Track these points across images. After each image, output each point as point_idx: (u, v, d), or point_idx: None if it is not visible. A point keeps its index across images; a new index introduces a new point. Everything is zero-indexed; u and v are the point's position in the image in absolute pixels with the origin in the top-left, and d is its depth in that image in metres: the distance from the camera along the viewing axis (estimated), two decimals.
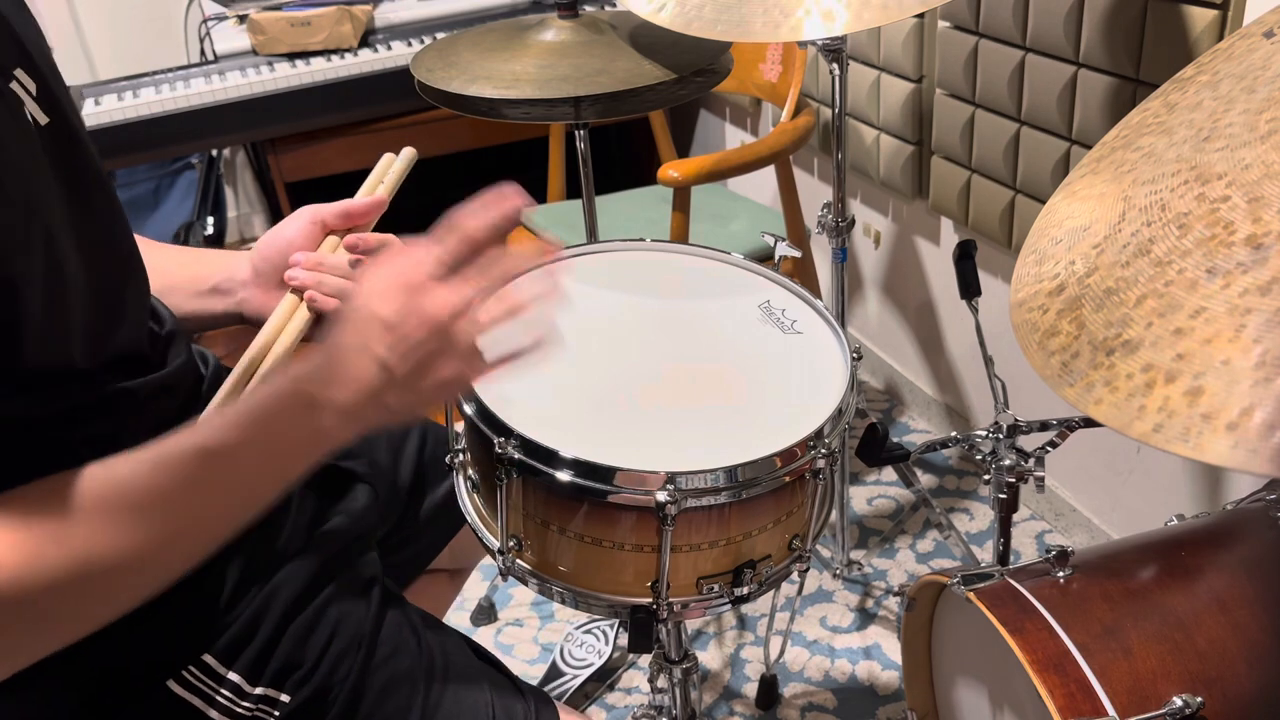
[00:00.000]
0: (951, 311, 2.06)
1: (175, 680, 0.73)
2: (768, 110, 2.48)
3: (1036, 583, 0.92)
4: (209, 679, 0.74)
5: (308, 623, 0.80)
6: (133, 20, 2.80)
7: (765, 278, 1.11)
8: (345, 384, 0.67)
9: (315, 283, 0.88)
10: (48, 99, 0.67)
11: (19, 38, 0.66)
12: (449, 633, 0.92)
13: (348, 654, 0.81)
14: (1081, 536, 1.83)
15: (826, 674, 1.64)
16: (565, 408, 0.93)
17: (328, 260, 0.90)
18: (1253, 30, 0.84)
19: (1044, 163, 1.60)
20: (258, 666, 0.76)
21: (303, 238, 0.92)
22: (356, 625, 0.82)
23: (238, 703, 0.75)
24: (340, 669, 0.80)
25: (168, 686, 0.73)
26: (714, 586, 0.90)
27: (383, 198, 0.96)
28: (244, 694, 0.75)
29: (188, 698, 0.74)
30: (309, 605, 0.80)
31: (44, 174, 0.64)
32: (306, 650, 0.79)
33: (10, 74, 0.64)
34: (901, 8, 1.09)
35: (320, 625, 0.80)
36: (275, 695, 0.76)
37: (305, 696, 0.77)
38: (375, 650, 0.83)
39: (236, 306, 0.93)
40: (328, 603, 0.82)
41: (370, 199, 0.95)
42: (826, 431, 0.89)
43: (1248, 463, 0.58)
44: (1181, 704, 0.79)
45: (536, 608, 1.81)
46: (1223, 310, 0.63)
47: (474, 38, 1.48)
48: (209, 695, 0.74)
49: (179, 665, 0.73)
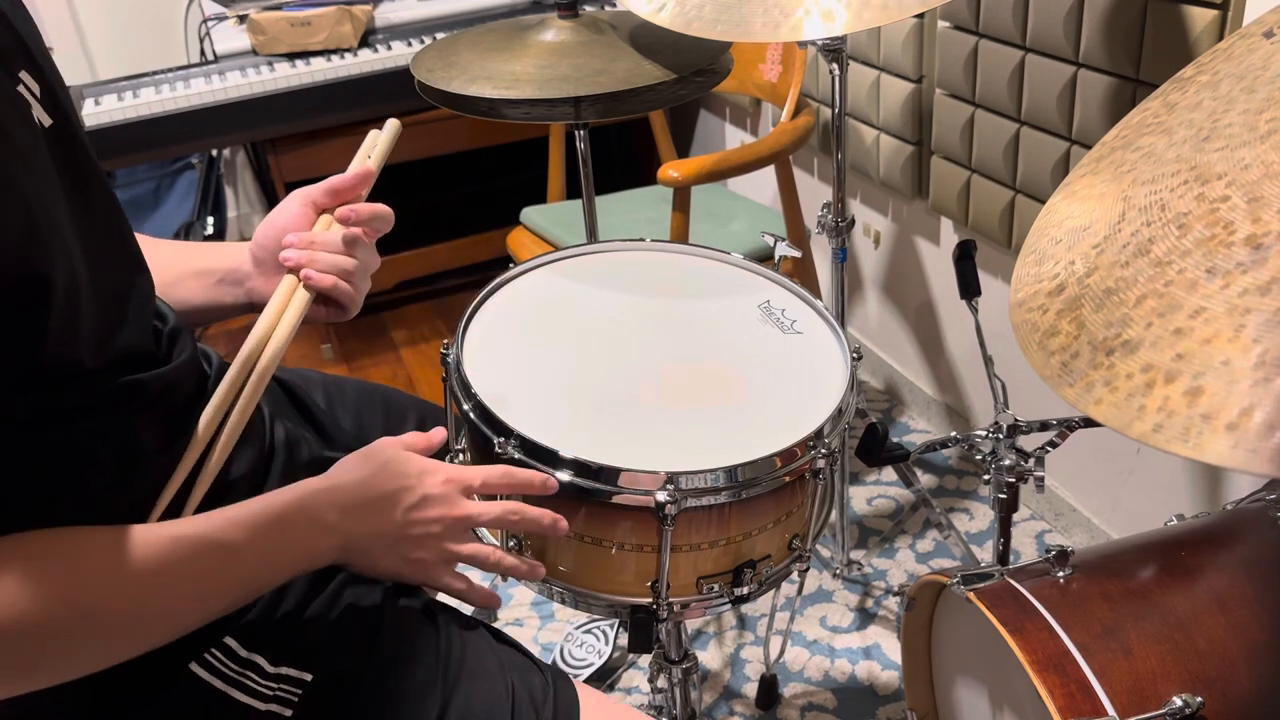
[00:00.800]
0: (951, 311, 2.06)
1: (197, 662, 0.74)
2: (768, 110, 2.48)
3: (1036, 583, 0.92)
4: (230, 660, 0.76)
5: (325, 604, 0.81)
6: (133, 20, 2.80)
7: (765, 278, 1.11)
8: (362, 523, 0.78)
9: (309, 260, 0.89)
10: (51, 101, 0.67)
11: (23, 39, 0.66)
12: (461, 614, 0.93)
13: (366, 633, 0.82)
14: (1081, 536, 1.83)
15: (826, 674, 1.64)
16: (565, 408, 0.93)
17: (320, 238, 0.91)
18: (1253, 30, 0.84)
19: (1044, 163, 1.60)
20: (278, 646, 0.77)
21: (296, 220, 0.93)
22: (373, 604, 0.84)
23: (259, 682, 0.76)
24: (360, 647, 0.81)
25: (190, 669, 0.74)
26: (714, 586, 0.90)
27: (370, 169, 0.96)
28: (265, 673, 0.76)
29: (210, 679, 0.75)
30: (326, 588, 0.82)
31: (50, 176, 0.65)
32: (325, 630, 0.80)
33: (17, 76, 0.64)
34: (901, 8, 1.09)
35: (337, 606, 0.82)
36: (297, 674, 0.77)
37: (326, 674, 0.78)
38: (392, 629, 0.84)
39: (246, 296, 0.95)
40: (343, 585, 0.83)
41: (358, 172, 0.96)
42: (826, 431, 0.89)
43: (1247, 463, 0.58)
44: (1181, 704, 0.79)
45: (536, 608, 1.81)
46: (1222, 310, 0.63)
47: (474, 38, 1.48)
48: (231, 677, 0.75)
49: (201, 648, 0.75)
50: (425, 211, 2.68)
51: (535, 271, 1.11)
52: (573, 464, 0.84)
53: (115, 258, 0.74)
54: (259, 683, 0.76)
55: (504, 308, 1.05)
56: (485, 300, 1.05)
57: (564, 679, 0.89)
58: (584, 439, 0.87)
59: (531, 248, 2.07)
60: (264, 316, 0.88)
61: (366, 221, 0.92)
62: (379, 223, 0.93)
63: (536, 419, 0.89)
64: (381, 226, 0.94)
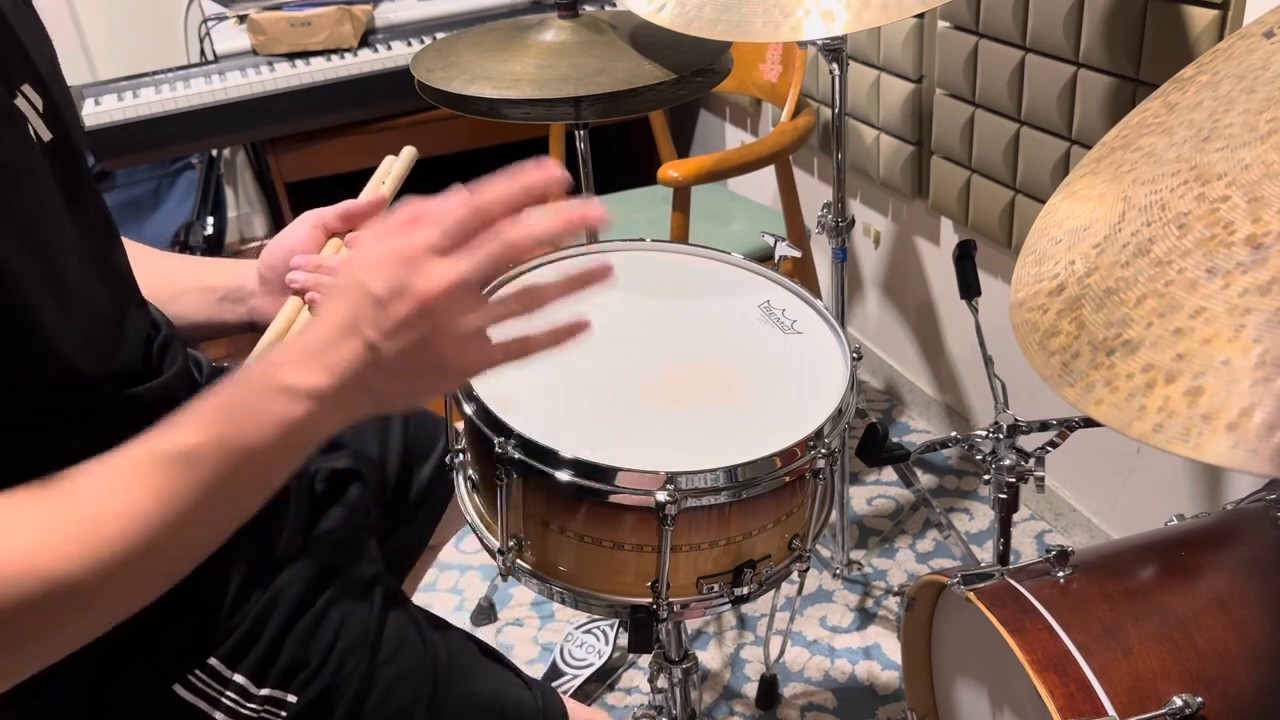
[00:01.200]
0: (951, 311, 2.06)
1: (181, 684, 0.73)
2: (768, 110, 2.48)
3: (1036, 583, 0.92)
4: (215, 682, 0.74)
5: (312, 623, 0.80)
6: (133, 20, 2.80)
7: (765, 278, 1.11)
8: (325, 368, 0.60)
9: (315, 284, 0.88)
10: (53, 116, 0.67)
11: (28, 53, 0.66)
12: (452, 630, 0.92)
13: (352, 653, 0.81)
14: (1081, 536, 1.83)
15: (826, 674, 1.64)
16: (565, 408, 0.93)
17: (327, 261, 0.90)
18: (1253, 30, 0.84)
19: (1044, 163, 1.60)
20: (263, 668, 0.76)
21: (305, 243, 0.92)
22: (360, 624, 0.83)
23: (243, 704, 0.75)
24: (346, 668, 0.80)
25: (173, 691, 0.73)
26: (714, 586, 0.90)
27: (384, 195, 0.96)
28: (250, 695, 0.75)
29: (194, 701, 0.73)
30: (312, 606, 0.80)
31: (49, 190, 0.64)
32: (311, 650, 0.79)
33: (17, 89, 0.64)
34: (901, 8, 1.09)
35: (324, 626, 0.80)
36: (281, 696, 0.76)
37: (311, 696, 0.77)
38: (380, 648, 0.83)
39: (248, 315, 0.94)
40: (330, 604, 0.82)
41: (371, 198, 0.95)
42: (826, 431, 0.89)
43: (1248, 463, 0.58)
44: (1181, 704, 0.79)
45: (536, 608, 1.81)
46: (1222, 310, 0.63)
47: (474, 38, 1.48)
48: (214, 698, 0.74)
49: (184, 669, 0.73)
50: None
51: (535, 271, 1.11)
52: (573, 464, 0.84)
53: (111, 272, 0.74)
54: (243, 705, 0.75)
55: None
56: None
57: (553, 695, 0.89)
58: (584, 439, 0.87)
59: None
60: (265, 337, 0.87)
61: None
62: None
63: (536, 419, 0.89)
64: None
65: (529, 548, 0.91)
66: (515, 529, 0.91)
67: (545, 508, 0.88)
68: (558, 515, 0.88)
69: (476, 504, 0.98)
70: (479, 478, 0.96)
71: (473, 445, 0.95)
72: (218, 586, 0.75)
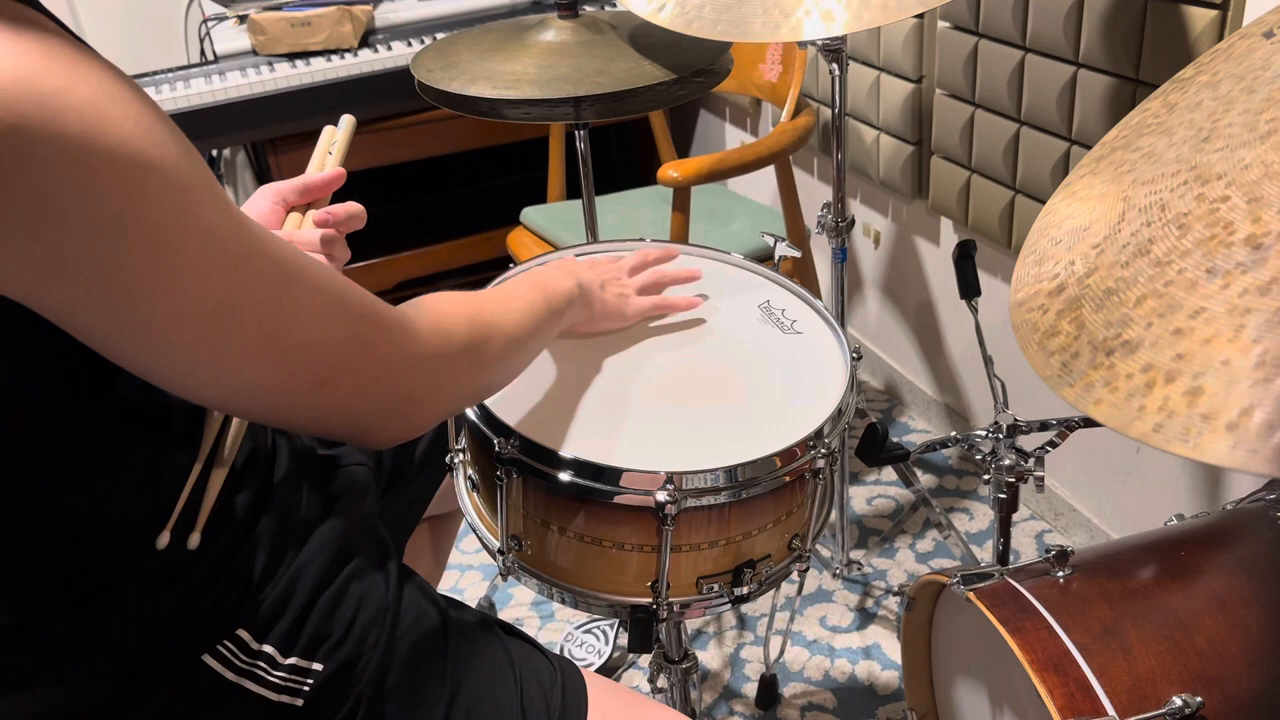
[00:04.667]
0: (951, 311, 2.06)
1: (210, 654, 0.75)
2: (768, 110, 2.48)
3: (1036, 582, 0.92)
4: (242, 652, 0.76)
5: (334, 597, 0.82)
6: (133, 20, 2.80)
7: (765, 278, 1.11)
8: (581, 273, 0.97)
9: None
10: None
11: None
12: (467, 606, 0.93)
13: (374, 624, 0.83)
14: (1081, 536, 1.83)
15: (826, 674, 1.64)
16: (565, 408, 0.93)
17: (298, 237, 0.92)
18: (1253, 30, 0.84)
19: (1044, 163, 1.60)
20: (289, 638, 0.78)
21: (267, 218, 0.94)
22: (380, 597, 0.85)
23: (270, 673, 0.77)
24: (369, 638, 0.82)
25: (203, 661, 0.75)
26: (714, 586, 0.90)
27: (342, 171, 0.99)
28: (276, 664, 0.77)
29: (222, 671, 0.76)
30: (333, 581, 0.83)
31: None
32: (335, 622, 0.81)
33: None
34: (901, 8, 1.09)
35: (346, 598, 0.82)
36: (307, 665, 0.79)
37: (336, 665, 0.80)
38: (399, 620, 0.85)
39: None
40: (350, 579, 0.84)
41: (331, 173, 0.98)
42: (826, 431, 0.89)
43: (1247, 463, 0.58)
44: (1181, 704, 0.79)
45: (536, 607, 1.81)
46: (1222, 310, 0.63)
47: (474, 38, 1.48)
48: (242, 668, 0.76)
49: (214, 640, 0.75)
50: (425, 211, 2.67)
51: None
52: (573, 464, 0.84)
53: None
54: (270, 674, 0.77)
55: None
56: None
57: (571, 667, 0.90)
58: (584, 439, 0.87)
59: (532, 248, 2.07)
60: None
61: (343, 223, 0.94)
62: (354, 223, 0.95)
63: (537, 419, 0.89)
64: (355, 225, 0.96)
65: (529, 547, 0.91)
66: (515, 529, 0.91)
67: (545, 507, 0.88)
68: (557, 515, 0.88)
69: (476, 504, 0.98)
70: (479, 477, 0.96)
71: (472, 445, 0.95)
72: (244, 565, 0.78)
